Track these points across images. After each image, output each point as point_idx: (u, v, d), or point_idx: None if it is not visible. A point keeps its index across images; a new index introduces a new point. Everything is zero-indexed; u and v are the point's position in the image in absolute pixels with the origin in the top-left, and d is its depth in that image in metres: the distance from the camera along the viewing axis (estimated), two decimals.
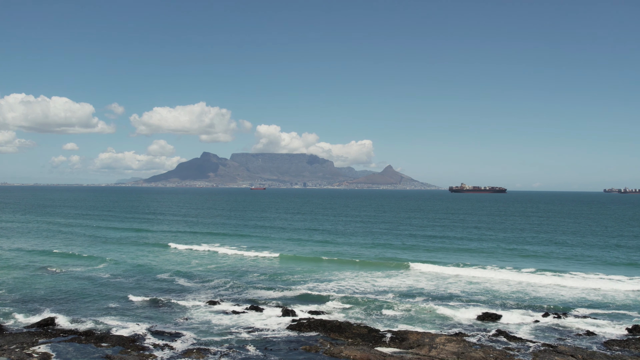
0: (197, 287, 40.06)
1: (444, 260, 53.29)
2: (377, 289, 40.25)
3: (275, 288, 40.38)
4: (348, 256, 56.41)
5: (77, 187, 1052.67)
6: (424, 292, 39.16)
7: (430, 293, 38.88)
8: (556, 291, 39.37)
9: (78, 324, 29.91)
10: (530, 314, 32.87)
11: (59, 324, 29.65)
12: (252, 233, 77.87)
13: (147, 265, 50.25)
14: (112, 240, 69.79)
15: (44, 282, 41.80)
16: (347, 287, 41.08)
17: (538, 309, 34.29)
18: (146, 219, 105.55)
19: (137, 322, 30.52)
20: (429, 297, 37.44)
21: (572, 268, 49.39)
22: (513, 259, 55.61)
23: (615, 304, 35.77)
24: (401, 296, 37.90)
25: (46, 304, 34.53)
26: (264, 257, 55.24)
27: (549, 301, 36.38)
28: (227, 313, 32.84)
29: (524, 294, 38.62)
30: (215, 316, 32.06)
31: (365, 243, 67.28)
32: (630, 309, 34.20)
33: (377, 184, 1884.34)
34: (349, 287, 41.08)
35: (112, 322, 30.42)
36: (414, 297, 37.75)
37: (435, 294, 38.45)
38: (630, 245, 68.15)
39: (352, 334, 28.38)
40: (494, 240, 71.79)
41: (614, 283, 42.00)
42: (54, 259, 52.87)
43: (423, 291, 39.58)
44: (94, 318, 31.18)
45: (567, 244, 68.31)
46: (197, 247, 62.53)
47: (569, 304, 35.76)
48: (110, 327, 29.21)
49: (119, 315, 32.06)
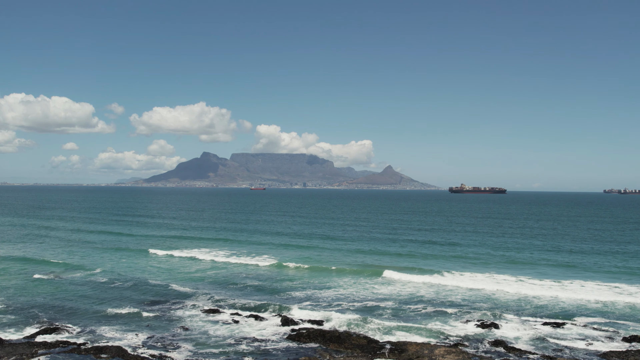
0: (194, 295, 39.90)
1: (444, 268, 53.26)
2: (376, 297, 40.19)
3: (274, 296, 40.35)
4: (347, 263, 56.34)
5: (77, 187, 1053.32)
6: (424, 300, 39.10)
7: (431, 301, 38.79)
8: (555, 300, 39.30)
9: (77, 334, 29.90)
10: (529, 324, 32.80)
11: (58, 334, 29.63)
12: (249, 238, 77.56)
13: (143, 272, 50.10)
14: (109, 245, 69.31)
15: (40, 290, 41.67)
16: (346, 294, 41.02)
17: (536, 318, 34.23)
18: (143, 222, 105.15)
19: (135, 331, 30.49)
20: (428, 306, 37.37)
21: (570, 275, 49.32)
22: (511, 266, 55.60)
23: (615, 313, 35.69)
24: (401, 304, 37.85)
25: (44, 313, 34.46)
26: (262, 263, 55.04)
27: (547, 310, 36.34)
28: (225, 322, 32.79)
29: (523, 303, 38.57)
30: (212, 326, 32.02)
31: (365, 249, 67.16)
32: (629, 319, 34.14)
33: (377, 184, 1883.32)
34: (348, 294, 41.02)
35: (111, 332, 30.38)
36: (413, 305, 37.69)
37: (434, 303, 38.39)
38: (630, 251, 68.06)
39: (351, 345, 28.36)
40: (492, 247, 71.83)
41: (614, 292, 41.91)
42: (49, 267, 52.28)
43: (423, 299, 39.52)
44: (92, 327, 31.16)
45: (565, 250, 68.27)
46: (193, 253, 62.06)
47: (568, 313, 35.71)
48: (109, 338, 29.20)
49: (117, 324, 32.00)
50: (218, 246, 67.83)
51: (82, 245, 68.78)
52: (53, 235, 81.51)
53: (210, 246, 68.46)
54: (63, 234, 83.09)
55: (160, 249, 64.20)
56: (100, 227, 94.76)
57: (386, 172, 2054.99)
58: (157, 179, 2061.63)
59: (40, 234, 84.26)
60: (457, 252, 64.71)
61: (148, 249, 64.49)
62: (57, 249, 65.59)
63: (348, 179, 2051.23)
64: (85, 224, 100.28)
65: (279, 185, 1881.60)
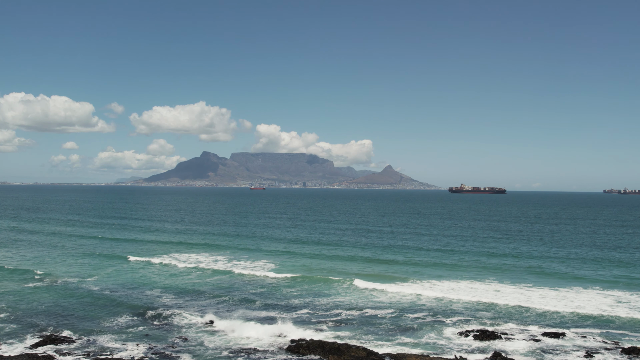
0: (191, 304, 39.65)
1: (445, 275, 53.00)
2: (376, 305, 40.04)
3: (272, 304, 40.21)
4: (346, 270, 56.17)
5: (76, 187, 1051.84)
6: (424, 309, 38.90)
7: (431, 310, 38.54)
8: (553, 309, 39.04)
9: (77, 346, 29.81)
10: (527, 333, 32.71)
11: (58, 345, 29.56)
12: (247, 244, 76.03)
13: (140, 279, 49.40)
14: (105, 250, 68.34)
15: (36, 298, 41.54)
16: (345, 303, 40.86)
17: (536, 327, 34.10)
18: (140, 227, 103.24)
19: (135, 341, 30.51)
20: (429, 315, 37.20)
21: (569, 284, 48.62)
22: (512, 273, 55.41)
23: (615, 323, 35.46)
24: (401, 313, 37.68)
25: (43, 322, 34.37)
26: (260, 271, 54.16)
27: (546, 320, 36.17)
28: (223, 333, 32.73)
29: (521, 311, 38.41)
30: (210, 337, 31.95)
31: (365, 256, 66.86)
32: (630, 329, 34.00)
33: (376, 183, 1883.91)
34: (347, 303, 40.86)
35: (111, 342, 30.39)
36: (413, 314, 37.53)
37: (435, 312, 38.16)
38: (631, 258, 67.80)
39: (350, 357, 28.27)
40: (491, 255, 71.78)
41: (615, 301, 41.64)
42: (43, 274, 51.76)
43: (423, 308, 39.29)
44: (92, 337, 31.15)
45: (564, 257, 68.01)
46: (189, 260, 60.97)
47: (567, 322, 35.63)
48: (110, 349, 29.16)
49: (116, 334, 32.00)
50: (215, 253, 66.82)
51: (76, 251, 67.37)
52: (48, 242, 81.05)
53: (206, 252, 67.60)
54: (58, 240, 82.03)
55: (156, 256, 63.37)
56: (96, 231, 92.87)
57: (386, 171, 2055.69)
58: (157, 178, 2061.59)
59: (36, 239, 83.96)
60: (455, 260, 64.29)
61: (144, 256, 63.37)
62: (53, 254, 64.99)
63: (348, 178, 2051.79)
64: (81, 229, 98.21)
65: (279, 184, 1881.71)
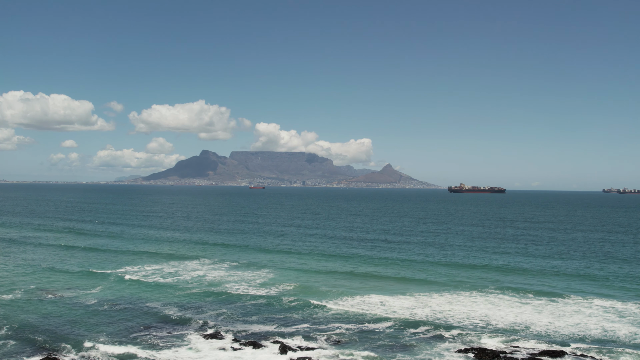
0: (191, 318, 39.39)
1: (444, 289, 52.19)
2: (376, 317, 39.91)
3: (273, 317, 40.08)
4: (344, 283, 55.49)
5: (75, 185, 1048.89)
6: (424, 322, 38.66)
7: (431, 323, 38.30)
8: (551, 324, 38.76)
9: None
10: (526, 351, 32.58)
11: None
12: (247, 253, 73.14)
13: (139, 292, 48.60)
14: (101, 262, 65.43)
15: (38, 309, 41.47)
16: (345, 316, 40.64)
17: (534, 344, 33.98)
18: (138, 234, 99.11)
19: (133, 358, 30.48)
20: (430, 329, 37.01)
21: (566, 297, 47.56)
22: (511, 287, 54.78)
23: (616, 342, 34.99)
24: (402, 327, 37.51)
25: (39, 338, 34.31)
26: (260, 281, 53.37)
27: (545, 337, 35.93)
28: (224, 349, 32.71)
29: (521, 328, 38.10)
30: (211, 352, 32.01)
31: (365, 262, 66.73)
32: (630, 347, 33.73)
33: (376, 182, 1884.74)
34: (346, 316, 40.64)
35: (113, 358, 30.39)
36: (415, 328, 37.37)
37: (435, 325, 37.90)
38: (633, 268, 67.29)
39: None
40: (489, 268, 71.55)
41: (615, 316, 41.17)
42: (42, 281, 51.57)
43: (423, 321, 39.07)
44: (92, 354, 31.14)
45: (561, 267, 67.31)
46: (188, 270, 59.76)
47: (566, 338, 35.52)
48: None
49: (117, 350, 32.07)
50: (214, 262, 64.66)
51: (71, 263, 64.43)
52: (41, 253, 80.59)
53: (205, 261, 66.00)
54: (52, 251, 79.80)
55: (154, 265, 62.35)
56: (92, 242, 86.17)
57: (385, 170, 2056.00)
58: (156, 176, 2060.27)
59: (29, 250, 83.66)
60: (453, 273, 63.63)
61: (142, 265, 62.24)
62: (47, 267, 62.83)
63: (347, 177, 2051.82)
64: (77, 238, 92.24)
65: (278, 183, 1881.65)
